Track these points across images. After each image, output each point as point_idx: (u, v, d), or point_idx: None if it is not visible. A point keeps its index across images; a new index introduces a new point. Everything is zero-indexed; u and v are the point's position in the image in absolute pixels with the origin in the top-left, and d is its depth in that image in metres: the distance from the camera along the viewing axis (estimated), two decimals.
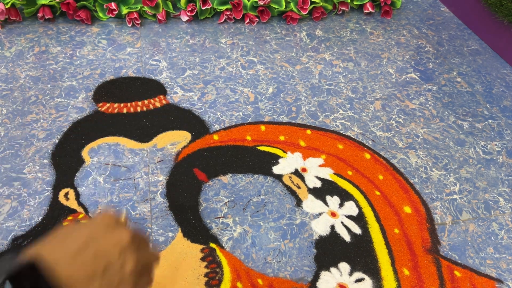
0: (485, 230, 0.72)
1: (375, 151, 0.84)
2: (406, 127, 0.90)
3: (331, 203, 0.73)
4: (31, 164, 0.75)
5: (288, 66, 1.04)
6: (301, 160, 0.80)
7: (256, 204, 0.72)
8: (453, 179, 0.80)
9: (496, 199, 0.77)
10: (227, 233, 0.67)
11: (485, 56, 1.15)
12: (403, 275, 0.64)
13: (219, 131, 0.84)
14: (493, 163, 0.84)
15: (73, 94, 0.90)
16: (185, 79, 0.97)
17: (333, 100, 0.95)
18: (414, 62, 1.10)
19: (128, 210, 0.69)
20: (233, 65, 1.02)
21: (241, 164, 0.78)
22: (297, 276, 0.63)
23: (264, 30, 1.16)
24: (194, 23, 1.16)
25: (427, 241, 0.69)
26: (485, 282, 0.64)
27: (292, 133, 0.85)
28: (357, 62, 1.08)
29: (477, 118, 0.94)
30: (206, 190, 0.73)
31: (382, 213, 0.72)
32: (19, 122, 0.82)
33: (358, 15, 1.27)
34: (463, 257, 0.67)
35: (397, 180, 0.78)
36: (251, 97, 0.94)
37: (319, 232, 0.69)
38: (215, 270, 0.62)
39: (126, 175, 0.74)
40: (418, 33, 1.22)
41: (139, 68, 0.99)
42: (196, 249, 0.64)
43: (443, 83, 1.04)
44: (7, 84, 0.91)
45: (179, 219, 0.68)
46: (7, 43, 1.03)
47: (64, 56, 1.00)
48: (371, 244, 0.68)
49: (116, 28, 1.11)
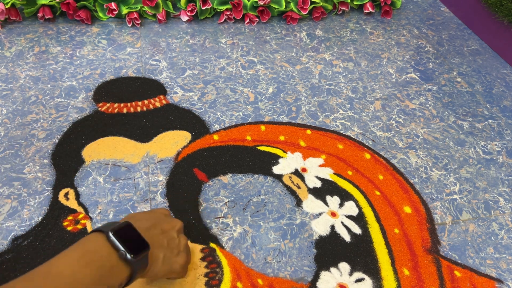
0: (485, 230, 0.72)
1: (375, 151, 0.84)
2: (406, 127, 0.90)
3: (331, 203, 0.73)
4: (31, 164, 0.75)
5: (288, 66, 1.04)
6: (301, 160, 0.80)
7: (256, 204, 0.72)
8: (453, 179, 0.80)
9: (496, 199, 0.77)
10: (227, 233, 0.67)
11: (485, 56, 1.15)
12: (403, 275, 0.64)
13: (219, 131, 0.84)
14: (493, 163, 0.84)
15: (73, 94, 0.90)
16: (185, 79, 0.97)
17: (333, 100, 0.95)
18: (414, 62, 1.10)
19: (128, 210, 0.69)
20: (233, 65, 1.02)
21: (241, 164, 0.78)
22: (297, 276, 0.63)
23: (264, 30, 1.16)
24: (194, 23, 1.16)
25: (427, 241, 0.69)
26: (485, 282, 0.64)
27: (292, 133, 0.85)
28: (357, 62, 1.08)
29: (477, 118, 0.94)
30: (206, 190, 0.73)
31: (382, 213, 0.72)
32: (19, 122, 0.82)
33: (358, 15, 1.27)
34: (463, 257, 0.67)
35: (397, 180, 0.78)
36: (251, 97, 0.94)
37: (319, 232, 0.69)
38: (215, 270, 0.62)
39: (126, 175, 0.74)
40: (418, 33, 1.22)
41: (139, 68, 0.99)
42: (196, 249, 0.64)
43: (443, 83, 1.04)
44: (7, 84, 0.91)
45: (179, 219, 0.68)
46: (7, 43, 1.03)
47: (64, 56, 1.00)
48: (371, 244, 0.68)
49: (116, 28, 1.11)
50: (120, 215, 0.68)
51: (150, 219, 0.52)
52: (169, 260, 0.51)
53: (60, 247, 0.62)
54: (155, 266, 0.49)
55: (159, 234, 0.51)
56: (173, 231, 0.53)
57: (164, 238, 0.51)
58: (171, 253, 0.52)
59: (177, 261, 0.53)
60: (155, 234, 0.50)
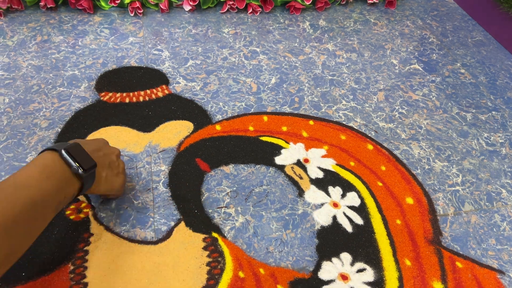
0: (487, 222, 0.72)
1: (378, 142, 0.83)
2: (409, 118, 0.89)
3: (333, 193, 0.73)
4: (34, 153, 0.75)
5: (291, 56, 1.04)
6: (304, 151, 0.80)
7: (258, 194, 0.72)
8: (456, 170, 0.80)
9: (498, 191, 0.77)
10: (229, 223, 0.67)
11: (490, 47, 1.14)
12: (404, 265, 0.64)
13: (221, 121, 0.84)
14: (496, 154, 0.84)
15: (76, 83, 0.90)
16: (188, 69, 0.96)
17: (336, 90, 0.95)
18: (417, 53, 1.09)
19: (130, 200, 0.69)
20: (236, 55, 1.02)
21: (244, 155, 0.78)
22: (298, 266, 0.63)
23: (267, 20, 1.15)
24: (196, 12, 1.15)
25: (429, 232, 0.69)
26: (487, 273, 0.65)
27: (294, 124, 0.85)
28: (361, 52, 1.07)
29: (481, 110, 0.94)
30: (208, 180, 0.73)
31: (384, 204, 0.72)
32: (21, 111, 0.82)
33: (361, 5, 1.26)
34: (465, 248, 0.68)
35: (399, 171, 0.78)
36: (253, 87, 0.93)
37: (321, 223, 0.69)
38: (217, 259, 0.62)
39: (128, 165, 0.74)
40: (422, 24, 1.21)
41: (142, 57, 0.98)
42: (198, 238, 0.64)
43: (447, 74, 1.03)
44: (10, 73, 0.91)
45: (181, 208, 0.68)
46: (9, 32, 1.02)
47: (66, 45, 1.00)
48: (373, 234, 0.68)
49: (118, 18, 1.10)
50: (122, 205, 0.68)
51: (94, 144, 0.59)
52: (110, 179, 0.60)
53: (63, 236, 0.63)
54: (98, 182, 0.57)
55: (102, 156, 0.58)
56: (113, 155, 0.62)
57: (106, 160, 0.59)
58: (111, 173, 0.60)
59: (117, 181, 0.62)
60: (99, 156, 0.58)
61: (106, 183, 0.59)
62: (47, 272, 0.59)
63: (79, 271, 0.59)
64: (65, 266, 0.60)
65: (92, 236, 0.64)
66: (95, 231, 0.64)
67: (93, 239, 0.63)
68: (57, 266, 0.59)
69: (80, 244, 0.62)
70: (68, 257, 0.61)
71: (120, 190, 0.64)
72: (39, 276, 0.58)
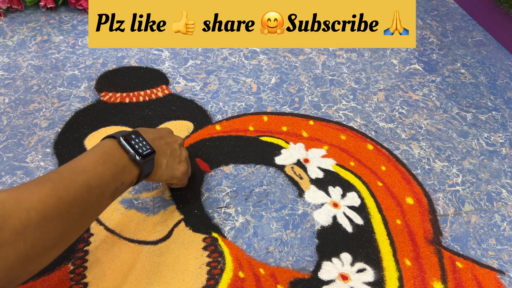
0: (487, 222, 0.72)
1: (378, 142, 0.83)
2: (409, 118, 0.89)
3: (333, 193, 0.73)
4: (34, 153, 0.75)
5: (291, 56, 1.04)
6: (304, 151, 0.80)
7: (258, 194, 0.72)
8: (456, 170, 0.80)
9: (498, 191, 0.77)
10: (229, 223, 0.67)
11: (490, 47, 1.14)
12: (404, 265, 0.64)
13: (221, 122, 0.84)
14: (496, 154, 0.84)
15: (76, 83, 0.90)
16: (188, 69, 0.96)
17: (336, 91, 0.95)
18: (418, 53, 1.09)
19: (131, 200, 0.69)
20: (236, 55, 1.02)
21: (244, 155, 0.78)
22: (298, 266, 0.63)
23: None
24: None
25: (429, 232, 0.69)
26: (487, 273, 0.65)
27: (294, 124, 0.85)
28: (361, 52, 1.07)
29: (481, 110, 0.94)
30: (208, 180, 0.73)
31: (384, 204, 0.72)
32: (21, 111, 0.82)
33: None
34: (465, 248, 0.67)
35: (399, 171, 0.78)
36: (253, 87, 0.93)
37: (321, 223, 0.69)
38: (217, 259, 0.62)
39: None
40: (422, 23, 1.21)
41: (142, 57, 0.98)
42: (198, 238, 0.64)
43: (447, 74, 1.03)
44: (10, 73, 0.91)
45: (181, 208, 0.68)
46: (9, 32, 1.02)
47: (66, 45, 1.00)
48: (373, 234, 0.68)
49: None
50: (122, 204, 0.68)
51: (156, 132, 0.60)
52: (172, 167, 0.60)
53: None
54: (159, 170, 0.57)
55: (163, 144, 0.59)
56: (175, 144, 0.62)
57: (168, 148, 0.60)
58: (173, 161, 0.60)
59: (179, 169, 0.61)
60: (160, 144, 0.58)
61: (167, 171, 0.59)
62: (47, 272, 0.59)
63: (79, 271, 0.59)
64: (65, 266, 0.60)
65: (92, 236, 0.64)
66: (95, 231, 0.64)
67: (93, 239, 0.63)
68: (57, 266, 0.60)
69: (80, 244, 0.63)
70: (68, 257, 0.61)
71: (183, 178, 0.64)
72: (39, 276, 0.58)
